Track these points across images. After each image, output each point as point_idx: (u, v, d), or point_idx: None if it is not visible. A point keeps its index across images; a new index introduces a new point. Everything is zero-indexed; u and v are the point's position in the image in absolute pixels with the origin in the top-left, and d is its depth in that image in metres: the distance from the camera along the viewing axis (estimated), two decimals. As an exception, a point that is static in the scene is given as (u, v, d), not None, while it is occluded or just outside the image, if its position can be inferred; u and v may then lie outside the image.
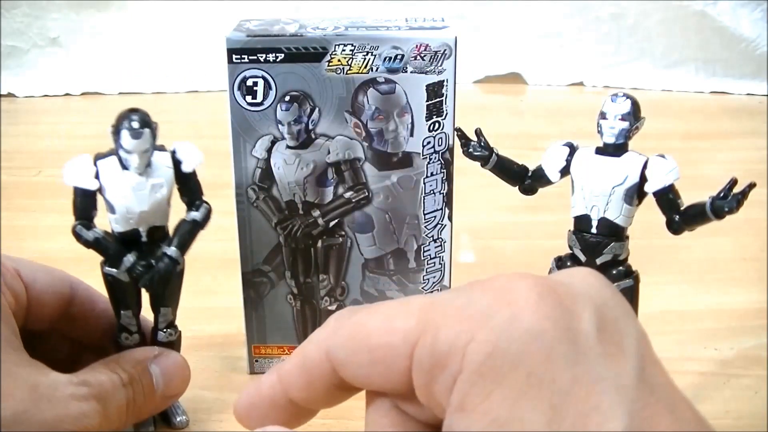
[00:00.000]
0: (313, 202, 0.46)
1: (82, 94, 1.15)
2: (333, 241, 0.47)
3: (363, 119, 0.45)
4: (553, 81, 1.19)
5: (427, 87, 0.44)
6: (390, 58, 0.44)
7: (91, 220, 0.40)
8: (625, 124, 0.39)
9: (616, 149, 0.40)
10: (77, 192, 0.40)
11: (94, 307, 0.44)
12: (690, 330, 0.55)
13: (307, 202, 0.46)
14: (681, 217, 0.39)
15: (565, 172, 0.42)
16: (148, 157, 0.39)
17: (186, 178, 0.41)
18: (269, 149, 0.45)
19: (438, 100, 0.44)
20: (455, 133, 0.44)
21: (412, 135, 0.45)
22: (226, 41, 0.43)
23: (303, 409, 0.29)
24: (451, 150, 0.46)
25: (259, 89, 0.44)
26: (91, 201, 0.40)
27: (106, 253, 0.40)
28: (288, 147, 0.45)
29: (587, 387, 0.21)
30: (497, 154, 0.43)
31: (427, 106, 0.44)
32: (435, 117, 0.45)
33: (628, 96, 0.40)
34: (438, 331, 0.23)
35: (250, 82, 0.44)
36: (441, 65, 0.44)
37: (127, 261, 0.40)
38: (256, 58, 0.43)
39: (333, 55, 0.43)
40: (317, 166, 0.46)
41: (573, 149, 0.42)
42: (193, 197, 0.42)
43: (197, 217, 0.41)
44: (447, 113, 0.45)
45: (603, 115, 0.40)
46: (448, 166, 0.46)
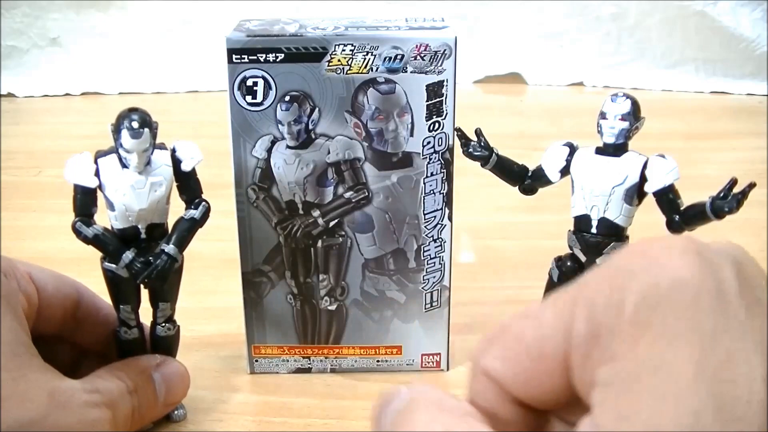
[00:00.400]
0: (313, 202, 0.46)
1: (82, 94, 1.15)
2: (333, 241, 0.47)
3: (363, 119, 0.45)
4: (553, 81, 1.20)
5: (427, 87, 0.44)
6: (390, 58, 0.44)
7: (91, 217, 0.41)
8: (625, 124, 0.39)
9: (616, 149, 0.40)
10: (77, 189, 0.40)
11: (98, 313, 0.45)
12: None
13: (307, 202, 0.46)
14: (681, 217, 0.39)
15: (565, 172, 0.42)
16: (147, 156, 0.40)
17: (185, 176, 0.42)
18: (269, 149, 0.45)
19: (438, 100, 0.44)
20: (455, 133, 0.44)
21: (412, 135, 0.45)
22: (226, 41, 0.43)
23: None
24: (451, 150, 0.46)
25: (259, 89, 0.44)
26: (91, 198, 0.40)
27: (105, 250, 0.41)
28: (288, 147, 0.45)
29: (731, 334, 0.22)
30: (497, 154, 0.43)
31: (427, 106, 0.44)
32: (435, 117, 0.45)
33: (628, 96, 0.40)
34: (591, 302, 0.23)
35: (250, 82, 0.44)
36: (441, 65, 0.44)
37: (126, 257, 0.40)
38: (256, 58, 0.43)
39: (333, 55, 0.43)
40: (317, 166, 0.46)
41: (573, 149, 0.42)
42: (192, 195, 0.42)
43: (195, 215, 0.42)
44: (447, 113, 0.45)
45: (603, 115, 0.40)
46: (448, 166, 0.46)
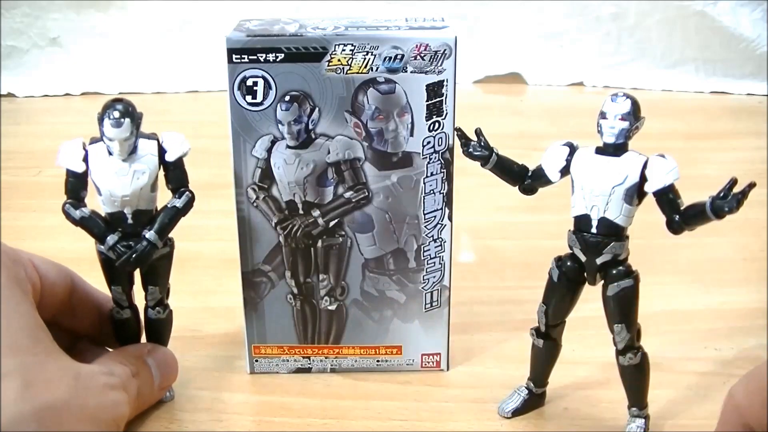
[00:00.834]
0: (313, 202, 0.46)
1: (82, 94, 1.15)
2: (333, 241, 0.47)
3: (363, 119, 0.45)
4: (553, 81, 1.20)
5: (427, 87, 0.44)
6: (390, 58, 0.44)
7: (81, 200, 0.42)
8: (625, 124, 0.39)
9: (616, 149, 0.40)
10: (68, 173, 0.42)
11: (89, 299, 0.46)
12: (690, 330, 0.55)
13: (307, 202, 0.46)
14: (681, 217, 0.39)
15: (565, 172, 0.42)
16: (129, 145, 0.41)
17: (170, 166, 0.43)
18: (269, 149, 0.45)
19: (438, 100, 0.44)
20: (455, 133, 0.44)
21: (412, 135, 0.45)
22: (226, 41, 0.43)
23: None
24: (451, 150, 0.46)
25: (259, 89, 0.44)
26: (80, 182, 0.42)
27: (91, 232, 0.42)
28: (288, 147, 0.45)
29: None
30: (497, 154, 0.43)
31: (427, 106, 0.44)
32: (435, 117, 0.45)
33: (628, 96, 0.40)
34: None
35: (250, 82, 0.44)
36: (441, 65, 0.44)
37: (111, 240, 0.42)
38: (256, 58, 0.43)
39: (333, 55, 0.43)
40: (317, 165, 0.46)
41: (573, 149, 0.42)
42: (177, 185, 0.43)
43: (178, 204, 0.43)
44: (447, 113, 0.45)
45: (603, 115, 0.40)
46: (448, 166, 0.46)
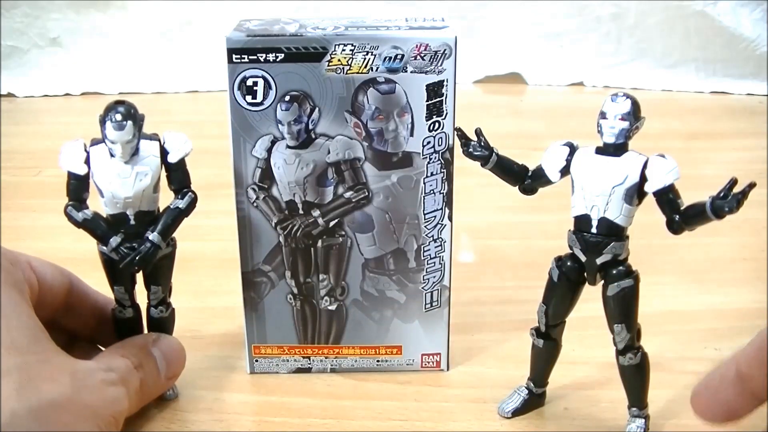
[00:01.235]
0: (313, 202, 0.46)
1: (82, 94, 1.15)
2: (333, 241, 0.47)
3: (363, 119, 0.45)
4: (553, 81, 1.20)
5: (427, 87, 0.44)
6: (390, 58, 0.44)
7: (83, 202, 0.42)
8: (625, 124, 0.39)
9: (616, 149, 0.40)
10: (69, 175, 0.42)
11: (87, 299, 0.46)
12: (690, 330, 0.55)
13: (307, 202, 0.46)
14: (681, 217, 0.39)
15: (565, 172, 0.42)
16: (131, 147, 0.41)
17: (172, 167, 0.43)
18: (269, 149, 0.45)
19: (438, 100, 0.44)
20: (455, 132, 0.44)
21: (412, 135, 0.45)
22: (226, 41, 0.43)
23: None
24: (451, 150, 0.46)
25: (259, 89, 0.44)
26: (82, 184, 0.42)
27: (93, 233, 0.42)
28: (288, 147, 0.45)
29: None
30: (497, 154, 0.43)
31: (427, 106, 0.44)
32: (435, 117, 0.45)
33: (628, 96, 0.40)
34: None
35: (250, 82, 0.44)
36: (441, 65, 0.44)
37: (114, 241, 0.42)
38: (256, 57, 0.43)
39: (333, 55, 0.43)
40: (317, 165, 0.46)
41: (573, 149, 0.42)
42: (180, 186, 0.43)
43: (180, 205, 0.43)
44: (447, 113, 0.45)
45: (603, 115, 0.40)
46: (448, 166, 0.46)
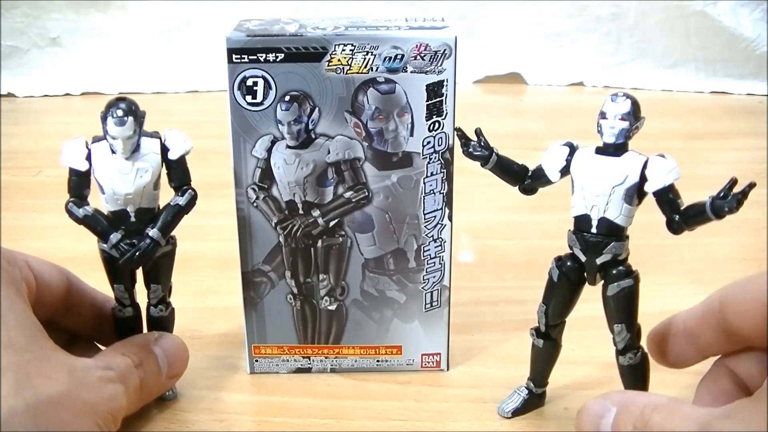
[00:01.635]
0: (313, 201, 0.46)
1: (82, 94, 1.15)
2: (333, 241, 0.47)
3: (363, 119, 0.45)
4: (553, 81, 1.20)
5: (427, 87, 0.44)
6: (390, 58, 0.44)
7: (84, 198, 0.42)
8: (625, 124, 0.39)
9: (616, 149, 0.40)
10: (71, 171, 0.42)
11: (85, 298, 0.46)
12: (690, 330, 0.55)
13: (307, 202, 0.46)
14: (681, 217, 0.39)
15: (565, 172, 0.42)
16: (132, 143, 0.41)
17: (173, 164, 0.43)
18: (269, 149, 0.45)
19: (438, 100, 0.44)
20: (455, 132, 0.44)
21: (412, 135, 0.45)
22: (226, 41, 0.43)
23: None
24: (451, 150, 0.46)
25: (259, 89, 0.44)
26: (83, 180, 0.42)
27: (93, 230, 0.42)
28: (288, 147, 0.45)
29: None
30: (497, 154, 0.43)
31: (427, 106, 0.44)
32: (435, 117, 0.45)
33: (628, 96, 0.40)
34: None
35: (250, 82, 0.44)
36: (441, 65, 0.44)
37: (114, 238, 0.42)
38: (256, 57, 0.43)
39: (333, 55, 0.43)
40: (317, 165, 0.46)
41: (573, 149, 0.42)
42: (180, 183, 0.43)
43: (181, 202, 0.43)
44: (447, 113, 0.45)
45: (603, 115, 0.40)
46: (448, 166, 0.46)
